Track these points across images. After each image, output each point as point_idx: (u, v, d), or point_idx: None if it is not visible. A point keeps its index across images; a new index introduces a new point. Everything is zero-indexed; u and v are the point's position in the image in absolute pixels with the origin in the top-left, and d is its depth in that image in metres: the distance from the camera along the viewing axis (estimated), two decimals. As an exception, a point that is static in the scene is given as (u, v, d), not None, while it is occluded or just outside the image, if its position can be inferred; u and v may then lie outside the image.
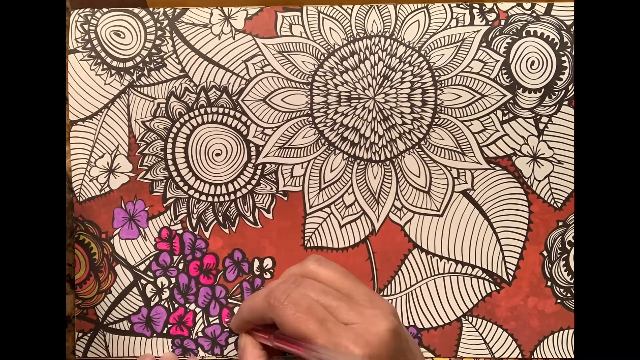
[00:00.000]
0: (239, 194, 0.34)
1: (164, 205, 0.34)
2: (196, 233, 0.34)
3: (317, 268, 0.29)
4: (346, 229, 0.34)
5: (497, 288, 0.34)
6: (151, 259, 0.34)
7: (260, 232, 0.34)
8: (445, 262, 0.34)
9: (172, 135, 0.34)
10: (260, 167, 0.34)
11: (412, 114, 0.34)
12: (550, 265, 0.34)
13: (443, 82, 0.34)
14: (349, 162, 0.34)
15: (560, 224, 0.34)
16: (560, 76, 0.33)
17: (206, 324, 0.34)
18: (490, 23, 0.34)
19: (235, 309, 0.34)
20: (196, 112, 0.34)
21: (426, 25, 0.34)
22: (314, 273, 0.29)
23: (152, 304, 0.34)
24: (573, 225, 0.34)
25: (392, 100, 0.34)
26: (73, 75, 0.34)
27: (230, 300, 0.34)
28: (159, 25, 0.34)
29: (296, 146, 0.34)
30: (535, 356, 0.34)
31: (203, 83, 0.34)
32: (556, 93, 0.34)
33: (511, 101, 0.34)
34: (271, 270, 0.34)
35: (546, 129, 0.34)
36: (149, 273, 0.34)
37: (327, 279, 0.28)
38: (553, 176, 0.34)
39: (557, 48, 0.34)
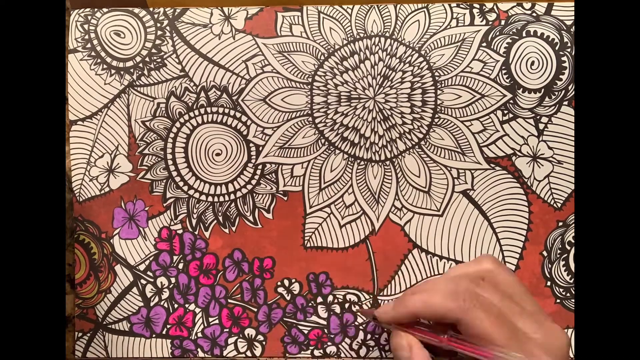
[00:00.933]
0: (239, 194, 0.34)
1: (164, 205, 0.34)
2: (196, 233, 0.34)
3: (496, 269, 0.28)
4: (346, 229, 0.34)
5: (497, 288, 0.34)
6: (151, 258, 0.34)
7: (260, 232, 0.34)
8: (445, 262, 0.34)
9: (172, 135, 0.34)
10: (260, 167, 0.34)
11: (412, 114, 0.34)
12: (550, 266, 0.34)
13: (443, 82, 0.34)
14: (349, 162, 0.34)
15: (560, 224, 0.34)
16: (560, 76, 0.33)
17: (206, 325, 0.34)
18: (490, 23, 0.34)
19: (235, 310, 0.34)
20: (196, 112, 0.34)
21: (426, 25, 0.34)
22: (493, 275, 0.27)
23: (152, 304, 0.34)
24: (573, 225, 0.34)
25: (392, 100, 0.34)
26: (73, 75, 0.34)
27: (230, 300, 0.34)
28: (159, 25, 0.34)
29: (296, 146, 0.34)
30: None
31: (203, 83, 0.34)
32: (556, 93, 0.34)
33: (511, 101, 0.34)
34: (271, 271, 0.34)
35: (546, 129, 0.34)
36: (148, 273, 0.34)
37: (506, 283, 0.27)
38: (553, 176, 0.34)
39: (557, 48, 0.34)
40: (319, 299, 0.34)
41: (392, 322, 0.29)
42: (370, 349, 0.34)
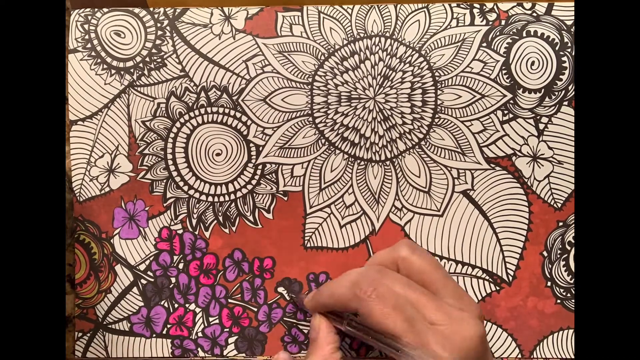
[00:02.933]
0: (239, 194, 0.34)
1: (164, 205, 0.34)
2: (196, 233, 0.34)
3: (410, 256, 0.27)
4: (346, 229, 0.34)
5: (497, 288, 0.34)
6: (151, 258, 0.34)
7: (260, 232, 0.34)
8: (445, 263, 0.34)
9: (172, 135, 0.34)
10: (260, 167, 0.34)
11: (412, 114, 0.34)
12: (550, 266, 0.34)
13: (443, 82, 0.34)
14: (349, 162, 0.34)
15: (561, 224, 0.34)
16: (560, 76, 0.33)
17: (206, 324, 0.34)
18: (490, 23, 0.34)
19: (235, 310, 0.34)
20: (196, 112, 0.34)
21: (426, 25, 0.34)
22: (406, 261, 0.27)
23: (152, 303, 0.34)
24: (573, 225, 0.34)
25: (392, 101, 0.34)
26: (73, 75, 0.34)
27: (230, 300, 0.34)
28: (159, 25, 0.34)
29: (296, 146, 0.34)
30: (535, 356, 0.34)
31: (203, 83, 0.34)
32: (556, 93, 0.34)
33: (511, 101, 0.34)
34: (271, 271, 0.34)
35: (546, 129, 0.34)
36: (149, 273, 0.34)
37: (419, 269, 0.27)
38: (553, 176, 0.34)
39: (557, 48, 0.34)
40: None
41: (312, 310, 0.30)
42: (370, 349, 0.34)
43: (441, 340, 0.24)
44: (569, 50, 0.33)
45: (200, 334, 0.34)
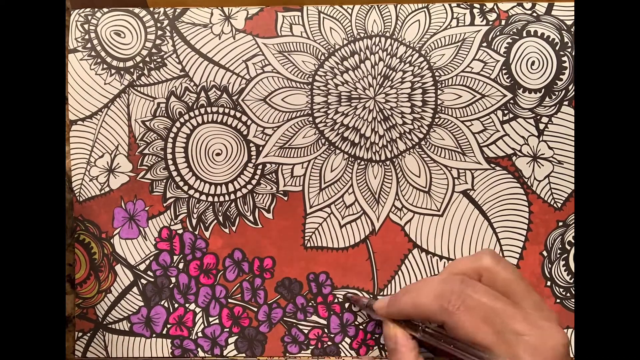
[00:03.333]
0: (239, 193, 0.34)
1: (164, 205, 0.34)
2: (196, 233, 0.34)
3: (494, 266, 0.27)
4: (346, 229, 0.34)
5: (497, 288, 0.34)
6: (151, 258, 0.34)
7: (260, 232, 0.34)
8: (445, 262, 0.34)
9: (172, 135, 0.34)
10: (260, 167, 0.34)
11: (412, 114, 0.34)
12: (550, 266, 0.34)
13: (443, 82, 0.34)
14: (349, 162, 0.34)
15: (560, 224, 0.34)
16: (561, 76, 0.33)
17: (206, 324, 0.34)
18: (490, 23, 0.34)
19: (235, 310, 0.34)
20: (196, 112, 0.34)
21: (426, 25, 0.34)
22: (490, 271, 0.27)
23: (152, 303, 0.34)
24: (573, 225, 0.34)
25: (392, 100, 0.34)
26: (73, 75, 0.34)
27: (230, 300, 0.34)
28: (159, 25, 0.34)
29: (296, 146, 0.34)
30: (535, 356, 0.34)
31: (203, 83, 0.34)
32: (556, 93, 0.34)
33: (511, 101, 0.34)
34: (271, 270, 0.34)
35: (546, 129, 0.34)
36: (149, 273, 0.34)
37: (503, 280, 0.27)
38: (553, 176, 0.34)
39: (557, 48, 0.34)
40: (319, 299, 0.34)
41: (385, 317, 0.30)
42: (370, 348, 0.34)
43: (530, 350, 0.24)
44: (569, 50, 0.33)
45: (200, 334, 0.34)
